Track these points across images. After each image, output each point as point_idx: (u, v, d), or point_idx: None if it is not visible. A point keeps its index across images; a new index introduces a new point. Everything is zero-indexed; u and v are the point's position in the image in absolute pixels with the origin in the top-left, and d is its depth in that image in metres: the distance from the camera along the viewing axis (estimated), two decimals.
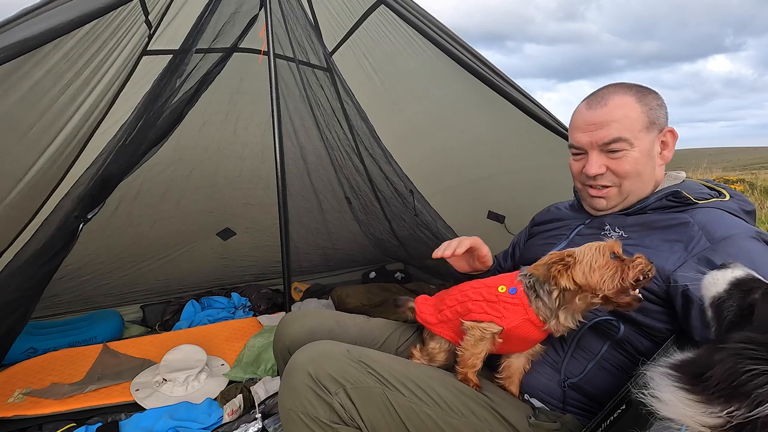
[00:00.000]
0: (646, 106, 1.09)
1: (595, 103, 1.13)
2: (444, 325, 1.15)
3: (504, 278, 1.09)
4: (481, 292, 1.08)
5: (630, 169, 1.10)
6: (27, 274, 1.84)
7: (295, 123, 2.62)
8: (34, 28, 1.07)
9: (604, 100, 1.11)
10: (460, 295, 1.13)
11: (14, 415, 1.72)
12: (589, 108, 1.13)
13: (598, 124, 1.10)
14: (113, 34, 1.56)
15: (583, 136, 1.14)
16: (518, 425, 1.02)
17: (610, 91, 1.12)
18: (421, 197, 2.57)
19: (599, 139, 1.10)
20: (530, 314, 1.00)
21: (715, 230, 0.99)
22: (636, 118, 1.08)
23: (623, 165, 1.10)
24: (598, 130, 1.10)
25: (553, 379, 1.07)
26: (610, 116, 1.09)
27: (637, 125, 1.08)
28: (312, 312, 1.42)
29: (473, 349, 1.04)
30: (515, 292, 1.03)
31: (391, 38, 1.95)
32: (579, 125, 1.15)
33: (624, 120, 1.08)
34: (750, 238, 0.97)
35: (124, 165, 1.94)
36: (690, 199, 1.07)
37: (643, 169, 1.11)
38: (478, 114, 1.97)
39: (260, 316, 2.77)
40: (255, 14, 2.09)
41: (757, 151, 68.36)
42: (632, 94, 1.10)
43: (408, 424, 0.98)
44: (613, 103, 1.10)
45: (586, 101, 1.16)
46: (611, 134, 1.08)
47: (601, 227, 1.16)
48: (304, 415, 0.96)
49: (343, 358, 1.02)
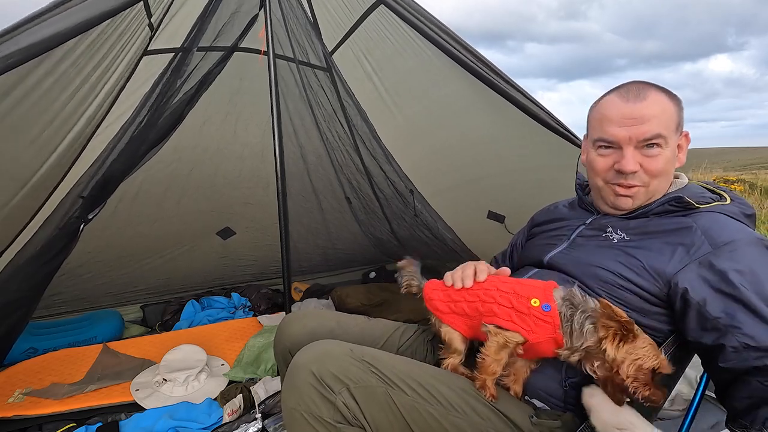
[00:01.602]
0: (677, 106, 1.07)
1: (633, 96, 1.06)
2: (457, 317, 1.11)
3: (536, 290, 1.04)
4: (510, 299, 1.04)
5: (662, 169, 1.07)
6: (27, 274, 1.84)
7: (295, 123, 2.62)
8: (41, 32, 1.07)
9: (642, 95, 1.05)
10: (484, 294, 1.08)
11: (14, 415, 1.72)
12: (627, 101, 1.06)
13: (638, 119, 1.04)
14: (120, 37, 1.57)
15: (620, 131, 1.06)
16: (521, 424, 1.02)
17: (643, 87, 1.07)
18: (421, 197, 2.58)
19: (640, 134, 1.04)
20: (557, 336, 0.98)
21: (717, 235, 0.99)
22: (671, 117, 1.06)
23: (657, 164, 1.06)
24: (639, 125, 1.04)
25: (554, 379, 1.06)
26: (651, 111, 1.04)
27: (672, 124, 1.06)
28: (313, 313, 1.42)
29: (495, 356, 1.01)
30: (548, 309, 0.99)
31: (391, 38, 1.95)
32: (614, 118, 1.07)
33: (663, 116, 1.04)
34: (752, 244, 0.97)
35: (124, 165, 1.94)
36: (692, 204, 1.06)
37: (670, 170, 1.09)
38: (478, 114, 1.97)
39: (260, 316, 2.78)
40: (255, 14, 2.09)
41: (757, 151, 68.36)
42: (663, 93, 1.07)
43: (411, 423, 0.98)
44: (651, 98, 1.05)
45: (619, 94, 1.08)
46: (653, 130, 1.03)
47: (602, 229, 1.16)
48: (308, 415, 0.96)
49: (346, 357, 1.01)
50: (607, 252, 1.10)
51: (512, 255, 1.48)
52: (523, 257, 1.38)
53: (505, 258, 1.49)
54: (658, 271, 1.01)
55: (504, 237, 2.22)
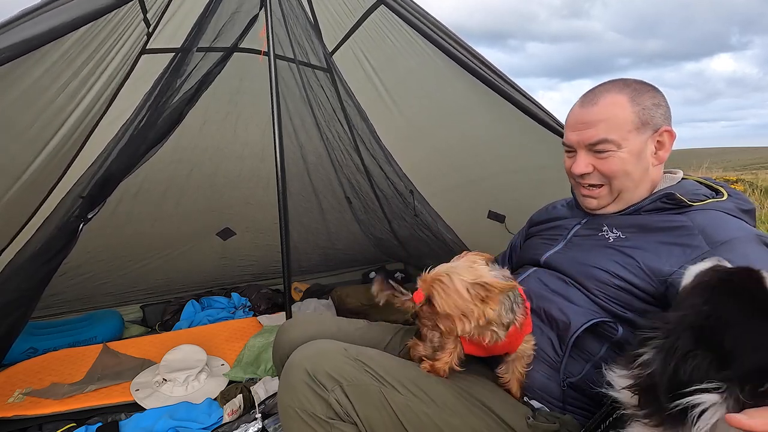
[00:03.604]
0: (639, 105, 1.08)
1: (587, 101, 1.12)
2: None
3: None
4: None
5: (617, 169, 1.09)
6: (27, 273, 1.84)
7: (295, 123, 2.62)
8: (34, 28, 1.07)
9: (596, 99, 1.11)
10: None
11: (14, 415, 1.72)
12: (581, 106, 1.13)
13: (587, 124, 1.10)
14: (111, 32, 1.55)
15: (572, 135, 1.14)
16: (516, 426, 1.02)
17: (603, 90, 1.12)
18: (421, 197, 2.57)
19: (586, 138, 1.11)
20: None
21: (714, 234, 0.99)
22: (625, 119, 1.07)
23: (609, 165, 1.10)
24: (586, 129, 1.10)
25: (552, 379, 1.06)
26: (598, 116, 1.09)
27: (627, 126, 1.07)
28: (312, 318, 1.43)
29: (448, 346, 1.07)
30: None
31: (391, 38, 1.95)
32: (570, 123, 1.16)
33: (612, 120, 1.08)
34: (750, 241, 0.97)
35: (124, 165, 1.94)
36: (684, 201, 1.06)
37: (632, 169, 1.10)
38: (478, 114, 1.97)
39: (260, 316, 2.78)
40: (255, 14, 2.09)
41: (757, 151, 68.36)
42: (626, 93, 1.09)
43: (405, 422, 0.99)
44: (603, 102, 1.09)
45: (581, 99, 1.15)
46: (597, 135, 1.08)
47: (599, 228, 1.16)
48: (302, 411, 0.98)
49: (340, 356, 1.03)
50: (602, 251, 1.10)
51: (511, 256, 1.48)
52: (521, 257, 1.38)
53: (504, 259, 1.49)
54: (654, 270, 1.00)
55: (504, 237, 2.22)
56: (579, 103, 1.15)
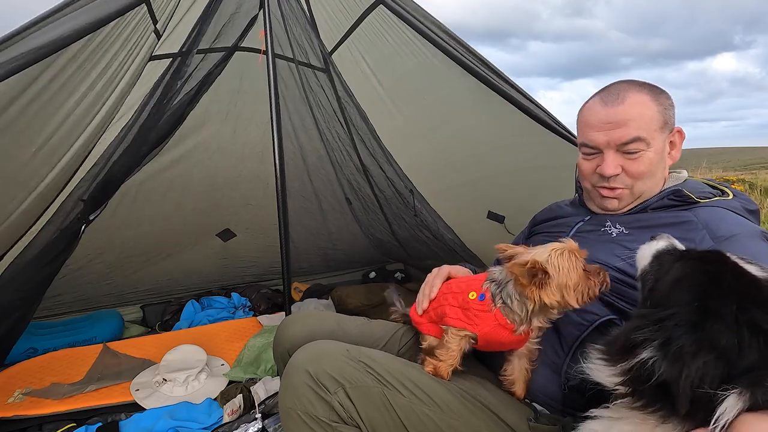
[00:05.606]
0: (661, 105, 1.07)
1: (611, 100, 1.07)
2: (431, 325, 1.16)
3: (474, 283, 1.10)
4: (458, 298, 1.09)
5: (645, 170, 1.07)
6: (28, 275, 1.85)
7: (295, 123, 2.62)
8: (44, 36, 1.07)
9: (621, 97, 1.06)
10: (442, 299, 1.14)
11: (14, 415, 1.72)
12: (605, 105, 1.08)
13: (615, 123, 1.06)
14: (124, 44, 1.57)
15: (599, 135, 1.08)
16: (517, 427, 1.01)
17: (624, 88, 1.08)
18: (421, 197, 2.57)
19: (617, 138, 1.06)
20: (500, 319, 1.01)
21: (718, 229, 0.98)
22: (652, 117, 1.05)
23: (639, 165, 1.07)
24: (616, 129, 1.05)
25: (553, 382, 1.06)
26: (627, 115, 1.05)
27: (654, 124, 1.06)
28: (312, 314, 1.42)
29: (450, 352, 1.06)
30: (484, 299, 1.03)
31: (390, 38, 1.95)
32: (594, 123, 1.09)
33: (641, 119, 1.05)
34: (754, 237, 0.96)
35: (125, 167, 1.95)
36: (691, 197, 1.06)
37: (656, 170, 1.09)
38: (477, 114, 1.97)
39: (260, 316, 2.78)
40: (255, 15, 2.09)
41: (757, 151, 68.33)
42: (646, 92, 1.07)
43: (407, 424, 0.98)
44: (630, 100, 1.06)
45: (600, 98, 1.10)
46: (630, 134, 1.04)
47: (601, 224, 1.15)
48: (304, 414, 0.96)
49: (342, 357, 1.02)
50: (605, 246, 1.09)
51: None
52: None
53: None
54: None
55: (504, 237, 2.22)
56: (599, 102, 1.10)
